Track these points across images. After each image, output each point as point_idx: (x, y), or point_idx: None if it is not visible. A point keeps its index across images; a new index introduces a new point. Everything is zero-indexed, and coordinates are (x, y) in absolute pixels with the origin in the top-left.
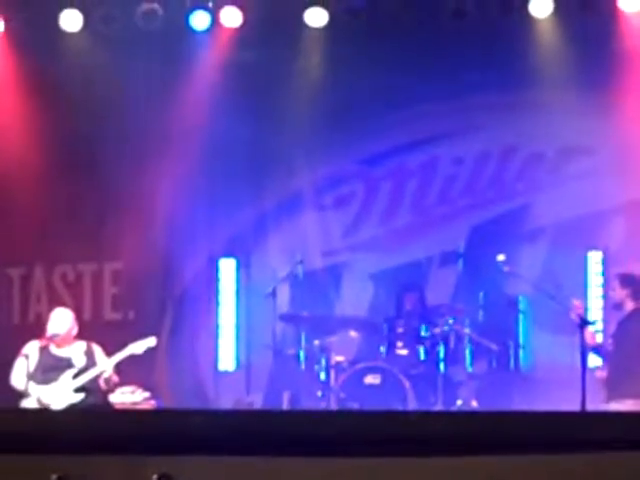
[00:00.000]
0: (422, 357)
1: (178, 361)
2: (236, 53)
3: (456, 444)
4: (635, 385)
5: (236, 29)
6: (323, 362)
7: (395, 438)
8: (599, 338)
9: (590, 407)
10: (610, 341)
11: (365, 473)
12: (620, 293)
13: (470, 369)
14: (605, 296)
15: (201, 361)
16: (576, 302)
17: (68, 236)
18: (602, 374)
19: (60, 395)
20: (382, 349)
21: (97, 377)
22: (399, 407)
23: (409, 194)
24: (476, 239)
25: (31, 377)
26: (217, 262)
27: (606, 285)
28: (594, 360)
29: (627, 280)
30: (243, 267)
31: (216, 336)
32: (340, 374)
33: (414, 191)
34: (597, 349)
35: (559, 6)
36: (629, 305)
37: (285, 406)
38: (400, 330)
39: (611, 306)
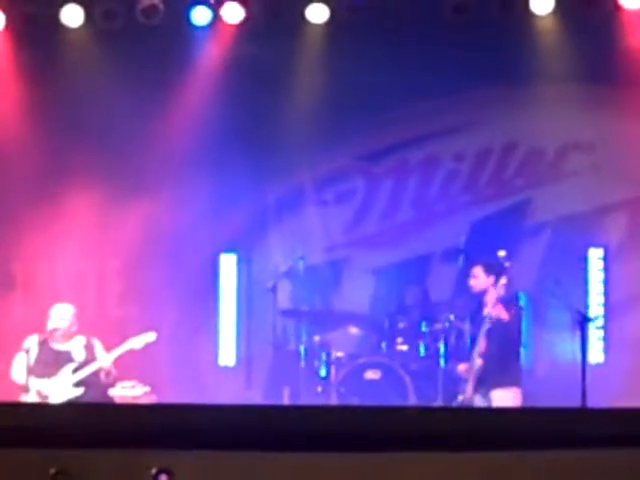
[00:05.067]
0: (422, 353)
1: (178, 356)
2: (237, 49)
3: (456, 440)
4: (515, 373)
5: (237, 25)
6: (323, 357)
7: (395, 434)
8: (505, 315)
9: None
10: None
11: (365, 468)
12: (485, 281)
13: None
14: (606, 292)
15: (201, 356)
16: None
17: (71, 232)
18: (479, 362)
19: (60, 389)
20: (382, 344)
21: (97, 371)
22: (399, 402)
23: (410, 190)
24: (477, 235)
25: (31, 371)
26: (218, 257)
27: (606, 282)
28: (595, 356)
29: (491, 268)
30: (244, 262)
31: (216, 331)
32: (340, 369)
33: (415, 187)
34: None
35: (560, 3)
36: (492, 294)
37: (285, 401)
38: (401, 326)
39: (470, 296)
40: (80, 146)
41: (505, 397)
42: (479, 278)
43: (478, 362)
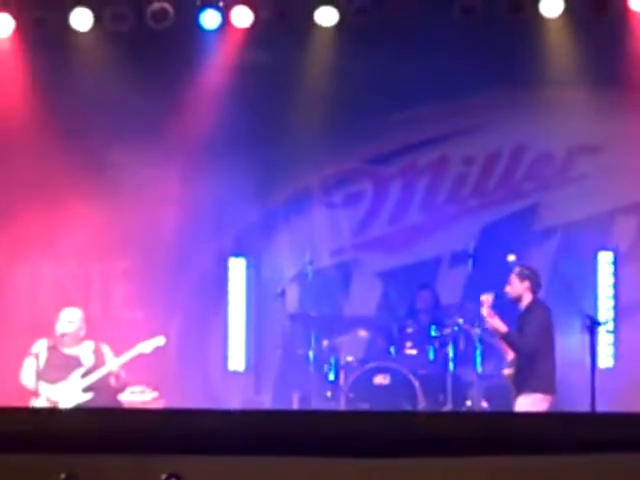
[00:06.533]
0: (431, 357)
1: (187, 361)
2: (246, 52)
3: (465, 444)
4: (540, 379)
5: (246, 28)
6: (332, 362)
7: (404, 438)
8: (503, 327)
9: (500, 406)
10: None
11: (374, 473)
12: (519, 287)
13: (480, 369)
14: (616, 297)
15: (210, 361)
16: (484, 297)
17: (77, 234)
18: (509, 372)
19: (69, 394)
20: (391, 349)
21: (106, 376)
22: (408, 407)
23: (419, 193)
24: (486, 239)
25: (41, 376)
26: (227, 261)
27: (616, 286)
28: (605, 361)
29: (525, 274)
30: (253, 266)
31: (225, 336)
32: (349, 374)
33: (424, 190)
34: (506, 338)
35: (570, 6)
36: (527, 298)
37: (294, 406)
38: (410, 330)
39: (508, 301)
40: (88, 149)
41: (525, 403)
42: (514, 284)
43: (507, 371)
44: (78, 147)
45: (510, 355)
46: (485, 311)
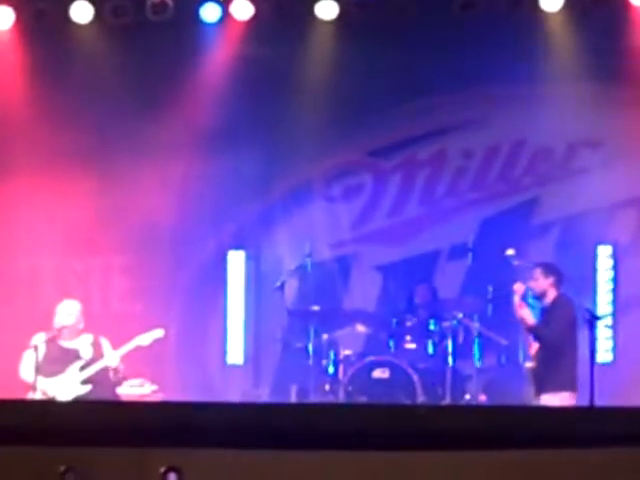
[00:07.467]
0: (430, 351)
1: (186, 354)
2: (246, 45)
3: (464, 438)
4: (564, 375)
5: (247, 21)
6: (331, 356)
7: (403, 432)
8: (531, 319)
9: (521, 401)
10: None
11: (372, 467)
12: (544, 283)
13: (479, 363)
14: (615, 291)
15: (209, 354)
16: (516, 286)
17: (76, 228)
18: (531, 365)
19: (67, 387)
20: (390, 343)
21: (104, 369)
22: (407, 401)
23: (418, 186)
24: (485, 232)
25: (39, 369)
26: (226, 254)
27: (615, 280)
28: (604, 355)
29: (550, 269)
30: (252, 259)
31: (224, 329)
32: (348, 368)
33: (423, 183)
34: (533, 330)
35: (569, 0)
36: (551, 293)
37: (293, 399)
38: (409, 324)
39: (533, 297)
40: (87, 143)
41: (552, 401)
42: (538, 280)
43: (529, 365)
44: (77, 140)
45: (533, 348)
46: (516, 300)
